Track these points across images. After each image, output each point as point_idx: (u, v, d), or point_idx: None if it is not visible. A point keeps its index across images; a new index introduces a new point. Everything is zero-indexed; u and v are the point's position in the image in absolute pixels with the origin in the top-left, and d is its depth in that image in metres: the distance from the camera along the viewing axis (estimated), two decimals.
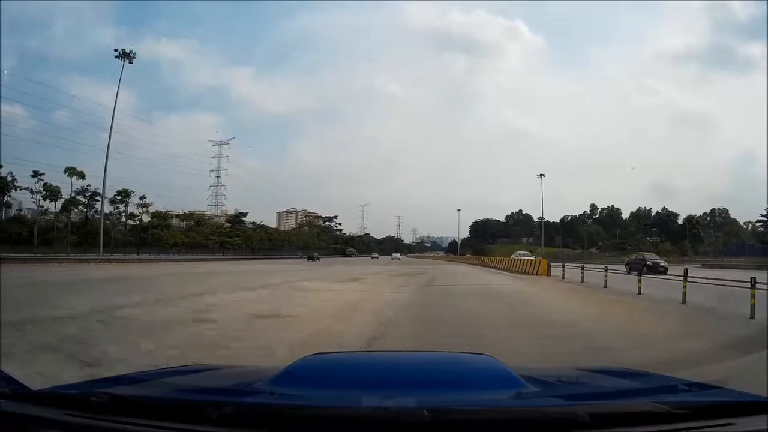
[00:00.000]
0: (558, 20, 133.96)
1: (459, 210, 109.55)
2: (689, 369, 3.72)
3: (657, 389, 1.53)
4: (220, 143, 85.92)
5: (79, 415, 1.13)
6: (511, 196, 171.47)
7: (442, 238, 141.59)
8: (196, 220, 69.39)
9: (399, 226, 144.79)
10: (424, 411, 1.04)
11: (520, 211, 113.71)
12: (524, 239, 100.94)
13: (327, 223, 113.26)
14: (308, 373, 1.47)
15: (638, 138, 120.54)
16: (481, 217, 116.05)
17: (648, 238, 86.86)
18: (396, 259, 61.38)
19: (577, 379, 1.87)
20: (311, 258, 55.49)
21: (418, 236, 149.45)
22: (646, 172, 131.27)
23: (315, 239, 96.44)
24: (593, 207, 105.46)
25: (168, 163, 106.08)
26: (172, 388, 1.48)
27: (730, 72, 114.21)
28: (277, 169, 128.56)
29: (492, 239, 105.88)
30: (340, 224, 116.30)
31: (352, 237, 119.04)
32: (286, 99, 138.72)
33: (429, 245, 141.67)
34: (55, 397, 1.25)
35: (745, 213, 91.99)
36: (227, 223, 73.54)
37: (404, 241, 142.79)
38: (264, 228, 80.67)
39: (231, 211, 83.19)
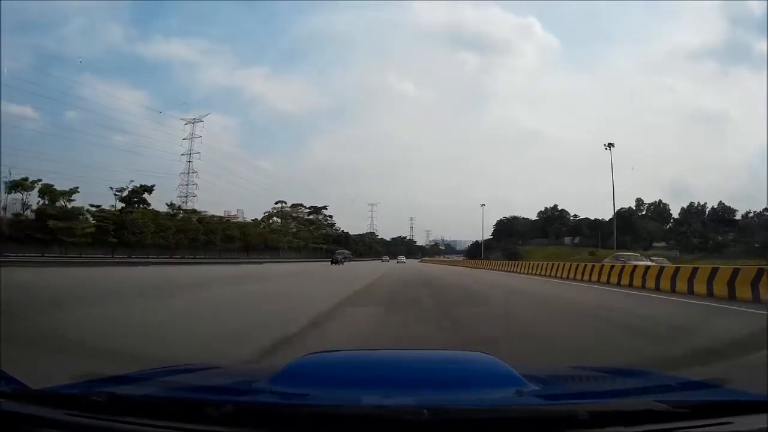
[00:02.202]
0: (572, 17, 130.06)
1: (483, 205, 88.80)
2: (689, 368, 3.60)
3: (657, 388, 1.52)
4: (194, 121, 67.33)
5: (79, 415, 1.12)
6: (527, 198, 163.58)
7: (455, 241, 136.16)
8: (51, 194, 36.22)
9: (411, 227, 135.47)
10: (424, 410, 1.03)
11: (555, 206, 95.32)
12: (567, 239, 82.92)
13: (314, 215, 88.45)
14: (308, 371, 1.46)
15: (653, 136, 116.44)
16: (507, 215, 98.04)
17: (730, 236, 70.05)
18: (401, 262, 59.42)
19: (577, 378, 1.83)
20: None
21: (431, 239, 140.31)
22: (660, 171, 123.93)
23: (287, 236, 69.99)
24: (639, 201, 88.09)
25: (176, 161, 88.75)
26: (171, 387, 1.48)
27: (748, 69, 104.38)
28: (287, 169, 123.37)
29: (522, 240, 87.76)
30: (331, 217, 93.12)
31: (347, 235, 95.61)
32: (297, 98, 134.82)
33: (443, 248, 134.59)
34: (55, 396, 1.25)
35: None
36: (122, 204, 43.91)
37: (417, 243, 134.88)
38: (202, 217, 52.26)
39: (203, 206, 65.32)
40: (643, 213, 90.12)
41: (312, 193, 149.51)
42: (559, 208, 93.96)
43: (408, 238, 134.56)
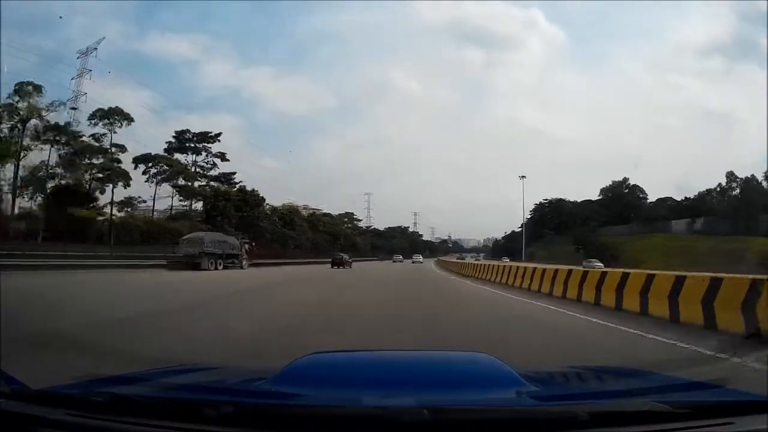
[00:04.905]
0: (577, 12, 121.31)
1: (523, 176, 59.74)
2: (689, 368, 3.57)
3: (657, 388, 1.51)
4: (87, 51, 36.50)
5: (79, 415, 1.11)
6: (534, 196, 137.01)
7: (461, 239, 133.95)
8: None
9: (416, 223, 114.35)
10: (424, 410, 1.03)
11: (625, 180, 64.98)
12: (677, 222, 52.74)
13: (206, 182, 41.45)
14: (308, 372, 1.46)
15: (661, 134, 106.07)
16: (549, 198, 68.23)
17: None
18: (417, 262, 47.53)
19: (577, 379, 1.82)
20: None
21: (436, 236, 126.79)
22: (667, 170, 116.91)
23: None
24: (731, 175, 59.69)
25: None
26: (172, 387, 1.47)
27: (758, 65, 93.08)
28: (290, 167, 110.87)
29: (581, 224, 57.22)
30: (223, 156, 43.34)
31: (254, 196, 40.47)
32: (299, 97, 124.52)
33: (450, 245, 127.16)
34: (55, 396, 1.24)
35: None
36: None
37: (423, 237, 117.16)
38: None
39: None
40: (736, 192, 62.30)
41: (311, 190, 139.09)
42: (630, 183, 63.73)
43: (411, 230, 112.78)
